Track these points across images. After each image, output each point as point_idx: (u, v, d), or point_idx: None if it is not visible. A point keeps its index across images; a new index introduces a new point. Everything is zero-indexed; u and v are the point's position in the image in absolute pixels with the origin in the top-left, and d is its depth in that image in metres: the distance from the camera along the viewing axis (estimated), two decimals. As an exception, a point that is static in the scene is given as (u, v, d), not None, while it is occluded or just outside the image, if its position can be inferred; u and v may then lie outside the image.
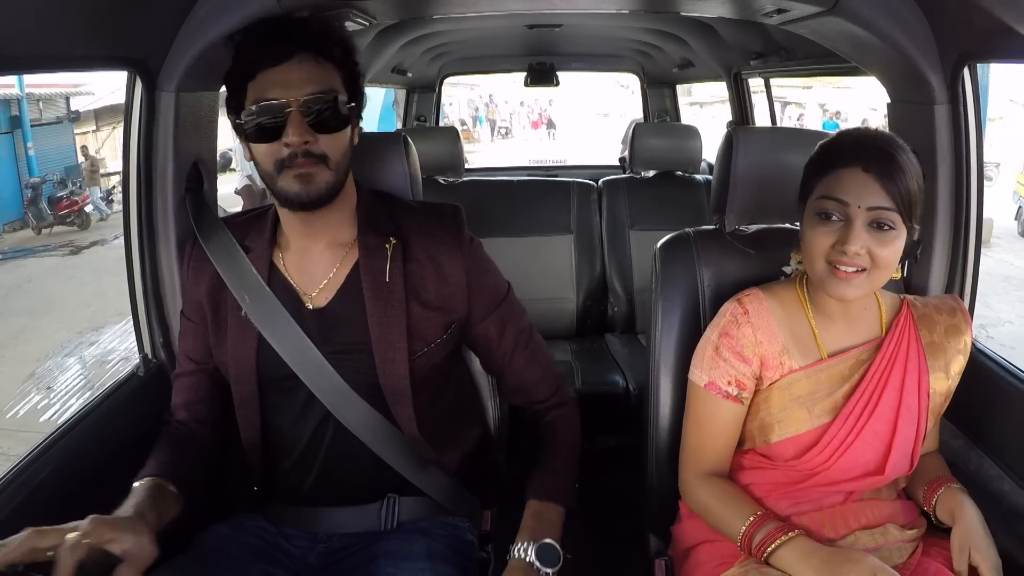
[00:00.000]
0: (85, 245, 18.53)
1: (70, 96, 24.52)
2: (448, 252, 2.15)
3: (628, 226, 4.98)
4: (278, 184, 1.96)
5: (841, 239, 1.91)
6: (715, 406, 2.14)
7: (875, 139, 1.95)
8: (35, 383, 9.57)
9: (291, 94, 1.92)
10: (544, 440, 2.34)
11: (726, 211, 2.42)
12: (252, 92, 1.94)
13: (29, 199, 20.39)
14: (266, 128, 1.93)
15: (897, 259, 1.94)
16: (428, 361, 2.14)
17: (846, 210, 1.91)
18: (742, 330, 2.11)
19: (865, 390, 2.06)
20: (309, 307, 2.12)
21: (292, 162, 1.94)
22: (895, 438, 2.04)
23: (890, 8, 2.26)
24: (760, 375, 2.13)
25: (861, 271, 1.92)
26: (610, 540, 3.73)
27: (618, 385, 4.13)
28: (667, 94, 6.95)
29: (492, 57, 6.86)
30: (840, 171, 1.93)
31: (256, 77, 1.94)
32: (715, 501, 2.10)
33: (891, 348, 2.09)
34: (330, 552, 2.16)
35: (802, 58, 3.95)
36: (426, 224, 2.18)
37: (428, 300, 2.13)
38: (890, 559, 1.99)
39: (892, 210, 1.87)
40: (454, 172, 4.99)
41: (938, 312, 2.16)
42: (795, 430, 2.08)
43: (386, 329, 2.07)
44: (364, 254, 2.11)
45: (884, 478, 2.07)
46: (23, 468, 1.93)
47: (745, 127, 4.24)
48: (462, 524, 2.27)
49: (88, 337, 11.22)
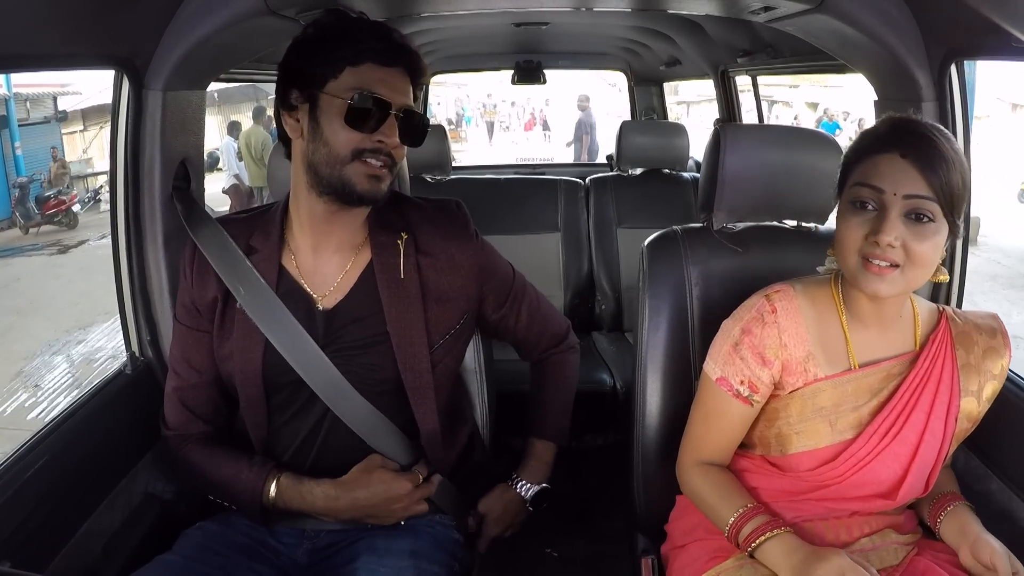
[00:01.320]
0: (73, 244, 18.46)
1: (57, 96, 24.42)
2: (460, 245, 2.21)
3: (615, 224, 4.99)
4: (344, 171, 1.99)
5: (875, 229, 1.79)
6: (724, 402, 2.05)
7: (916, 124, 1.83)
8: (23, 381, 9.52)
9: (396, 98, 2.00)
10: (547, 380, 2.61)
11: (714, 209, 2.41)
12: (353, 78, 1.98)
13: (16, 198, 20.28)
14: (362, 117, 1.97)
15: (936, 256, 1.81)
16: (445, 354, 2.20)
17: (881, 197, 1.80)
18: (767, 330, 1.99)
19: (894, 409, 1.95)
20: (320, 308, 2.13)
21: (372, 157, 1.99)
22: (914, 463, 1.96)
23: (877, 5, 2.26)
24: (780, 380, 2.02)
25: (895, 267, 1.80)
26: (597, 538, 3.74)
27: (605, 383, 4.12)
28: (654, 92, 6.93)
29: (479, 55, 6.85)
30: (876, 157, 1.83)
31: (361, 65, 1.99)
32: (708, 488, 2.06)
33: (925, 365, 1.96)
34: (317, 549, 2.16)
35: (789, 56, 3.95)
36: (435, 218, 2.23)
37: (442, 293, 2.18)
38: (884, 560, 1.99)
39: (931, 199, 1.75)
40: (441, 170, 5.00)
41: (978, 331, 2.02)
42: (814, 444, 1.99)
43: (406, 325, 2.12)
44: (377, 252, 2.15)
45: (894, 503, 1.99)
46: (10, 465, 1.92)
47: (733, 124, 4.25)
48: (448, 522, 2.28)
49: (76, 336, 11.17)
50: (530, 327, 2.49)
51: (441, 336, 2.18)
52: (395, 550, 2.07)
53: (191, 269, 2.18)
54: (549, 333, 2.56)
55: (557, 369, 2.61)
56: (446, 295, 2.19)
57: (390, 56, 2.01)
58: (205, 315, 2.17)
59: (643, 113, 6.94)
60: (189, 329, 2.19)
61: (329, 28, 2.02)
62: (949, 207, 1.77)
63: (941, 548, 2.02)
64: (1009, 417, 2.18)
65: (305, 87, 2.01)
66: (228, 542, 2.10)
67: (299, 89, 2.02)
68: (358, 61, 1.98)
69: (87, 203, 21.44)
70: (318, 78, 1.99)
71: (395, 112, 1.99)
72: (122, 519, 2.20)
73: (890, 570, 1.97)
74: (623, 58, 6.80)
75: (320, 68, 1.99)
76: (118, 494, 2.20)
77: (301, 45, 2.04)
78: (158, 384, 2.19)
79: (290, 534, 2.18)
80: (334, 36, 2.01)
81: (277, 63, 2.06)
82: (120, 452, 2.25)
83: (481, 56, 6.92)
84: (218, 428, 2.24)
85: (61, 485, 2.01)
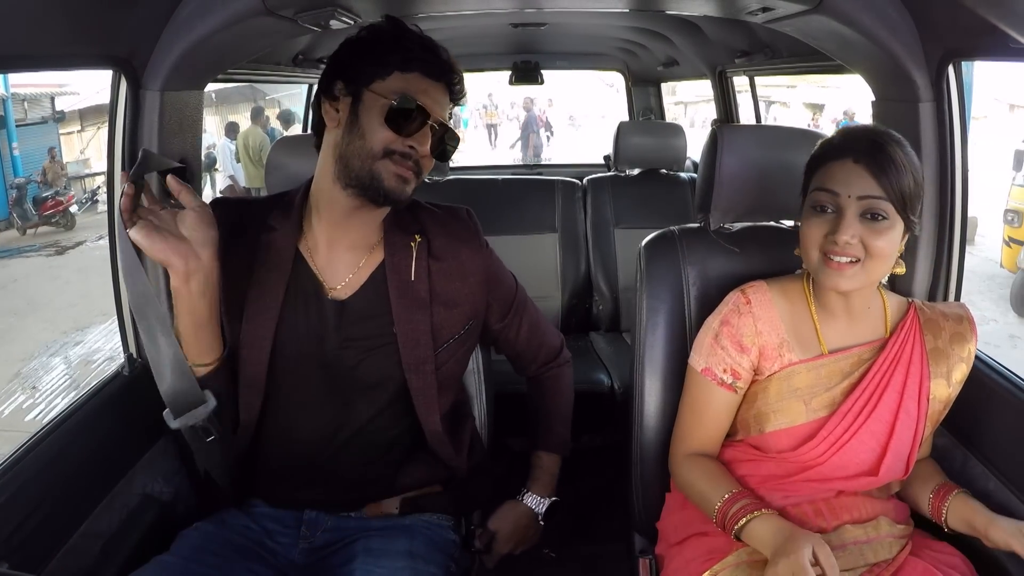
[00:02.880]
0: (70, 245, 18.45)
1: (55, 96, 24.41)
2: (470, 251, 2.26)
3: (613, 224, 4.99)
4: (375, 166, 2.02)
5: (833, 228, 1.95)
6: (709, 392, 2.19)
7: (866, 132, 2.00)
8: (20, 383, 9.51)
9: (435, 111, 2.06)
10: (546, 394, 2.66)
11: (711, 209, 2.43)
12: (399, 82, 2.03)
13: (14, 199, 20.26)
14: (401, 119, 2.02)
15: (893, 250, 1.98)
16: (449, 358, 2.22)
17: (837, 200, 1.96)
18: (743, 319, 2.15)
19: (865, 389, 2.08)
20: (330, 298, 2.14)
21: (403, 159, 2.03)
22: (891, 440, 2.06)
23: (875, 6, 2.26)
24: (758, 365, 2.17)
25: (855, 262, 1.96)
26: (595, 539, 3.75)
27: (603, 384, 4.13)
28: (652, 92, 6.93)
29: (476, 55, 6.85)
30: (832, 164, 1.99)
31: (409, 73, 2.05)
32: (696, 477, 2.15)
33: (895, 350, 2.10)
34: (313, 549, 2.17)
35: (787, 56, 3.95)
36: (448, 223, 2.27)
37: (450, 298, 2.21)
38: (878, 554, 2.01)
39: (883, 199, 1.91)
40: (438, 170, 4.99)
41: (945, 318, 2.17)
42: (790, 421, 2.10)
43: (412, 327, 2.14)
44: (390, 252, 2.18)
45: (877, 480, 2.08)
46: (8, 467, 1.92)
47: (730, 125, 4.25)
48: (445, 523, 2.28)
49: (73, 337, 11.15)
50: (529, 340, 2.53)
51: (446, 340, 2.20)
52: (392, 551, 2.07)
53: None
54: (547, 347, 2.61)
55: (555, 383, 2.66)
56: (454, 300, 2.21)
57: (438, 71, 2.08)
58: None
59: (641, 114, 6.94)
60: None
61: (385, 33, 2.08)
62: (901, 205, 1.94)
63: (939, 548, 2.05)
64: (1006, 414, 2.20)
65: (352, 81, 2.06)
66: (225, 543, 2.10)
67: (345, 82, 2.07)
68: (408, 68, 2.04)
69: (85, 204, 21.43)
70: (366, 75, 2.04)
71: (432, 123, 2.05)
72: (120, 520, 2.19)
73: (883, 564, 2.00)
74: (621, 59, 6.80)
75: (371, 67, 2.05)
76: (116, 495, 2.20)
77: (356, 43, 2.10)
78: (155, 386, 2.19)
79: (286, 534, 2.18)
80: (389, 40, 2.07)
81: (275, 63, 2.07)
82: (118, 453, 2.25)
83: (479, 56, 6.92)
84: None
85: (59, 486, 2.01)
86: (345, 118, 2.06)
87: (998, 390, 2.23)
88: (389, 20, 2.11)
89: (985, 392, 2.24)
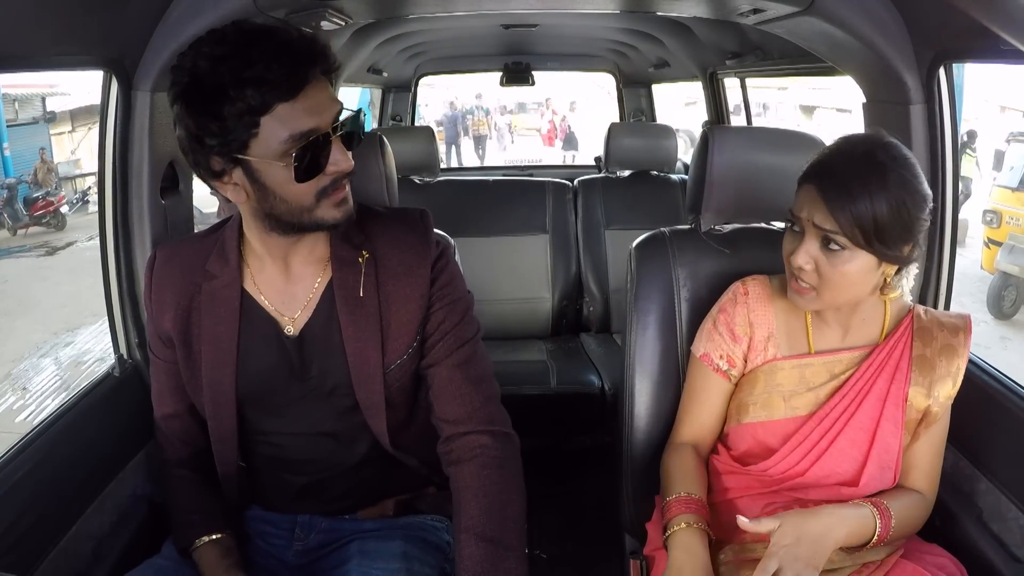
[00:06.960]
0: (61, 246, 18.40)
1: (46, 96, 24.36)
2: (417, 258, 2.04)
3: (603, 226, 4.99)
4: (315, 214, 1.82)
5: (793, 249, 1.96)
6: (706, 378, 2.22)
7: (838, 162, 1.92)
8: (11, 384, 9.51)
9: (326, 118, 1.76)
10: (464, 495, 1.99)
11: (702, 210, 2.43)
12: (273, 126, 1.71)
13: (5, 200, 20.19)
14: (310, 167, 1.75)
15: (852, 282, 1.93)
16: (401, 374, 2.05)
17: (801, 224, 1.95)
18: (738, 308, 2.18)
19: (847, 394, 2.06)
20: (288, 332, 2.02)
21: (334, 189, 1.82)
22: (872, 449, 2.04)
23: (866, 8, 2.28)
24: (748, 356, 2.18)
25: (812, 289, 1.96)
26: (585, 540, 3.74)
27: (593, 385, 4.12)
28: (643, 94, 6.95)
29: (468, 57, 6.86)
30: (804, 187, 1.96)
31: (273, 110, 1.69)
32: (672, 467, 2.18)
33: (881, 356, 2.07)
34: (307, 550, 2.15)
35: (778, 58, 3.96)
36: (396, 231, 2.07)
37: (400, 311, 2.02)
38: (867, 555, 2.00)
39: (837, 232, 1.86)
40: (429, 172, 4.97)
41: (940, 328, 2.08)
42: (767, 415, 2.11)
43: (361, 345, 2.00)
44: (337, 268, 2.01)
45: (859, 491, 2.05)
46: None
47: (721, 126, 4.26)
48: (440, 524, 2.26)
49: (64, 338, 11.15)
50: (450, 380, 2.06)
51: (398, 356, 2.03)
52: (386, 552, 2.05)
53: (149, 297, 2.07)
54: (473, 408, 2.05)
55: (478, 471, 1.99)
56: (404, 313, 2.03)
57: (298, 79, 1.72)
58: (169, 346, 2.06)
59: (632, 115, 6.95)
60: (162, 361, 2.10)
61: (210, 76, 1.70)
62: (863, 238, 1.85)
63: (930, 550, 2.04)
64: (998, 419, 2.20)
65: (222, 153, 1.75)
66: (218, 544, 2.09)
67: (215, 155, 1.76)
68: (269, 107, 1.69)
69: (75, 204, 21.36)
70: (234, 144, 1.73)
71: (335, 134, 1.79)
72: (111, 522, 2.19)
73: (872, 565, 1.99)
74: (612, 60, 6.82)
75: (231, 134, 1.71)
76: (107, 497, 2.20)
77: (191, 107, 1.73)
78: (146, 387, 2.18)
79: (280, 536, 2.17)
80: (224, 86, 1.68)
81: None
82: (109, 455, 2.24)
83: (469, 58, 6.93)
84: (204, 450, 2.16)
85: (50, 488, 2.01)
86: (249, 189, 1.80)
87: (995, 395, 2.23)
88: (199, 55, 1.73)
89: (982, 397, 2.23)
